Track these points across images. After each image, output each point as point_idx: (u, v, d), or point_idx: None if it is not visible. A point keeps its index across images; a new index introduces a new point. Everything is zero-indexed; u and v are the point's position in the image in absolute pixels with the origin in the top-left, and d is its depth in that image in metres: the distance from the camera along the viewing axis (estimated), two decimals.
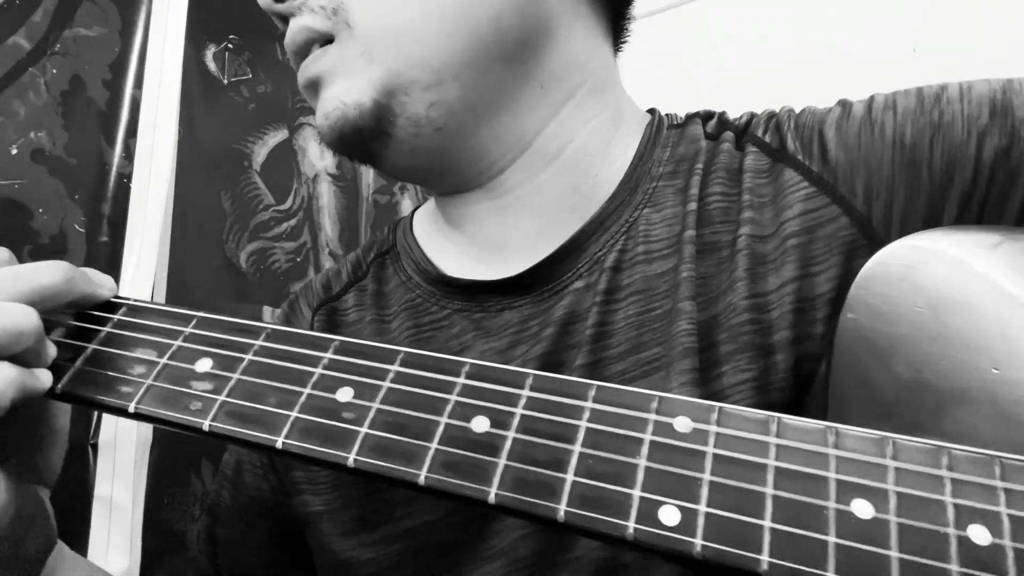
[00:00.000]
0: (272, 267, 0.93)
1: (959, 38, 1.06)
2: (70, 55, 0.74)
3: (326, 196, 1.05)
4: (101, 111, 0.77)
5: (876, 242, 0.34)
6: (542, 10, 0.38)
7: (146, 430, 0.74)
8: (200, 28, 0.88)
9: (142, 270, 0.76)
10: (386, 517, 0.38)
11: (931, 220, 0.34)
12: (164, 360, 0.29)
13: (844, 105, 0.38)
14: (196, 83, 0.87)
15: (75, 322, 0.32)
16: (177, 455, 0.77)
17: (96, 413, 0.70)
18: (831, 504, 0.20)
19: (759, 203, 0.37)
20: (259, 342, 0.29)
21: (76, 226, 0.73)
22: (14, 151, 0.69)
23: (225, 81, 0.91)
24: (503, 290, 0.40)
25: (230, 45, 0.92)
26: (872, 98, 0.37)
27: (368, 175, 1.14)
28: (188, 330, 0.30)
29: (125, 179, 0.78)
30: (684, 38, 1.36)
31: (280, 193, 0.97)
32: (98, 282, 0.33)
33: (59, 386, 0.29)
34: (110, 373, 0.30)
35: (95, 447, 0.71)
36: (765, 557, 0.20)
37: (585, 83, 0.41)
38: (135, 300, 0.33)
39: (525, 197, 0.41)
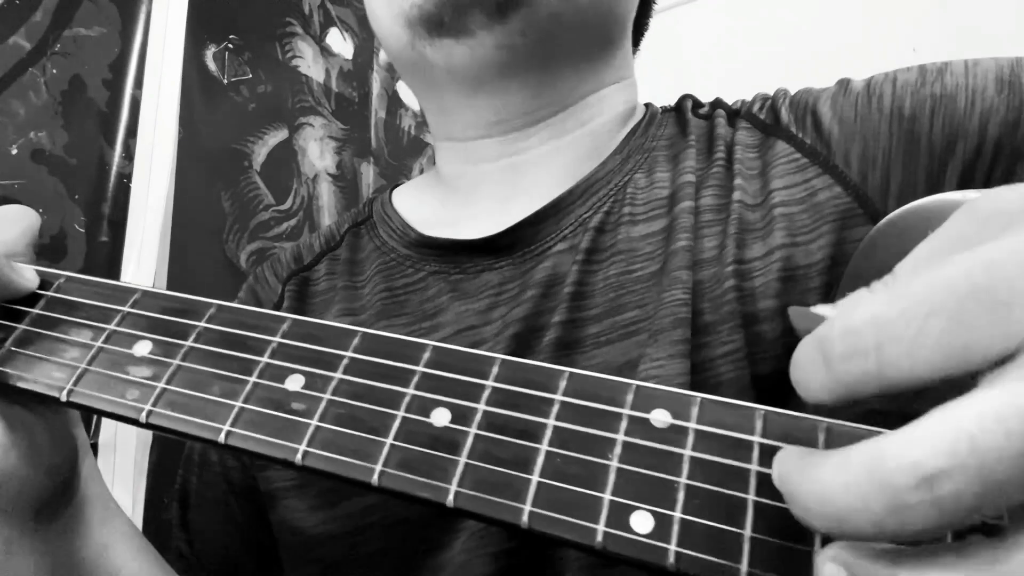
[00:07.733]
0: None
1: (959, 38, 1.06)
2: (70, 55, 0.74)
3: (326, 196, 1.05)
4: (101, 111, 0.77)
5: (871, 212, 0.34)
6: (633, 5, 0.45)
7: (147, 430, 0.74)
8: (200, 28, 0.87)
9: (142, 270, 0.76)
10: (357, 489, 0.37)
11: (932, 192, 0.33)
12: (99, 343, 0.27)
13: (842, 82, 0.39)
14: (196, 83, 0.87)
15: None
16: (177, 456, 0.77)
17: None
18: None
19: (749, 174, 0.38)
20: (203, 324, 0.27)
21: (76, 226, 0.73)
22: (14, 151, 0.68)
23: (225, 81, 0.91)
24: (482, 251, 0.40)
25: (230, 45, 0.92)
26: (872, 76, 0.37)
27: (368, 175, 1.14)
28: (126, 309, 0.29)
29: (125, 179, 0.78)
30: (684, 38, 1.36)
31: (280, 193, 0.97)
32: (19, 272, 0.30)
33: None
34: (42, 356, 0.27)
35: (95, 448, 0.70)
36: (744, 567, 0.18)
37: (630, 72, 0.46)
38: (67, 274, 0.30)
39: (543, 157, 0.42)
